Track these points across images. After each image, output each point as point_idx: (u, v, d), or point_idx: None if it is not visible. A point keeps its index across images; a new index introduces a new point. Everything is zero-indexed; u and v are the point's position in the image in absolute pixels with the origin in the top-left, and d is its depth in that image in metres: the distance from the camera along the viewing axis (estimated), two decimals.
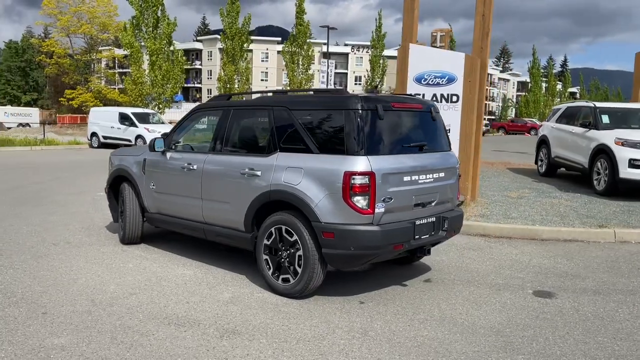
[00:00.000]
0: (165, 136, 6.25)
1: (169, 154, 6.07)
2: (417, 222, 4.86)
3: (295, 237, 4.75)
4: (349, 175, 4.44)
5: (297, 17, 36.52)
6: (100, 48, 58.29)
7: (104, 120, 23.86)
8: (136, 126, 22.41)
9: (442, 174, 5.17)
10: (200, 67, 75.25)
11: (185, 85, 69.42)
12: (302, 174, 4.72)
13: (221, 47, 34.19)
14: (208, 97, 57.74)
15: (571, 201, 9.78)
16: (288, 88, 39.95)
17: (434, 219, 5.05)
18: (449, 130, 9.08)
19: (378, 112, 4.69)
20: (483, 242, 7.27)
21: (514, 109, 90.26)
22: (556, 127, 13.20)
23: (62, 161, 18.12)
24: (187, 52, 76.37)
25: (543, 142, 13.76)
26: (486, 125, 44.31)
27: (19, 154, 21.17)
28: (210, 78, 71.22)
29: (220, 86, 31.72)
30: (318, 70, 36.24)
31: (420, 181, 4.89)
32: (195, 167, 5.68)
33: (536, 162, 14.24)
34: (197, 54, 76.16)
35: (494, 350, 3.87)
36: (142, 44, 27.31)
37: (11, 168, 15.38)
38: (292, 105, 5.07)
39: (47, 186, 11.74)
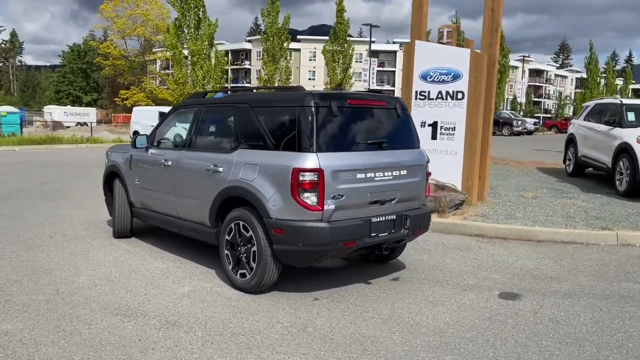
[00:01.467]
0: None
1: (150, 151, 6.28)
2: (374, 220, 4.83)
3: (250, 232, 4.82)
4: (297, 171, 4.47)
5: (338, 16, 36.54)
6: (155, 50, 60.30)
7: (145, 119, 24.65)
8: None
9: (404, 172, 5.10)
10: (249, 67, 76.43)
11: (235, 84, 70.76)
12: (257, 170, 4.79)
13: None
14: None
15: (587, 202, 9.39)
16: (326, 87, 39.96)
17: (394, 216, 5.00)
18: (454, 127, 8.96)
19: (332, 109, 4.70)
20: (474, 243, 7.11)
21: (572, 107, 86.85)
22: (583, 125, 12.68)
23: (100, 158, 18.86)
24: (236, 52, 77.86)
25: (571, 141, 13.24)
26: (535, 124, 42.80)
27: (64, 151, 22.22)
28: (259, 77, 72.31)
29: (262, 86, 32.18)
30: (362, 69, 36.14)
31: (376, 179, 4.86)
32: (169, 163, 5.86)
33: (564, 162, 13.72)
34: (246, 54, 77.37)
35: (424, 350, 3.81)
36: (185, 45, 28.07)
37: (49, 165, 16.17)
38: (254, 103, 5.14)
39: (73, 182, 12.30)
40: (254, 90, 7.15)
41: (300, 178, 4.46)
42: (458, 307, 4.70)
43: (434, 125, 9.22)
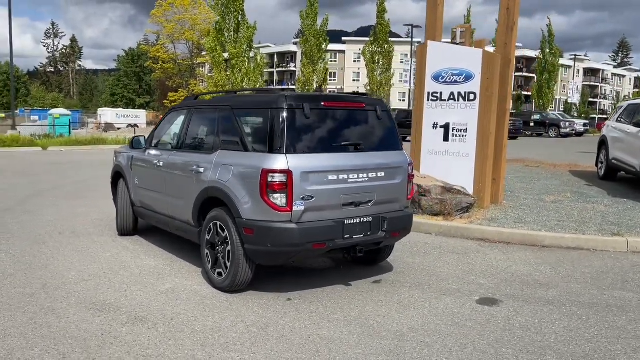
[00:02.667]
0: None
1: (147, 152, 6.49)
2: (347, 222, 4.83)
3: (226, 232, 4.91)
4: (266, 172, 4.53)
5: (378, 17, 36.36)
6: (204, 53, 61.71)
7: None
8: None
9: (381, 174, 5.07)
10: (294, 69, 77.07)
11: (281, 86, 71.45)
12: (231, 171, 4.88)
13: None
14: None
15: (609, 207, 9.01)
16: (366, 88, 39.66)
17: (370, 218, 4.98)
18: (466, 129, 8.80)
19: (304, 111, 4.73)
20: (475, 247, 6.96)
21: None
22: (615, 126, 12.16)
23: None
24: (282, 54, 78.67)
25: (602, 143, 12.72)
26: (585, 125, 41.20)
27: (106, 152, 23.08)
28: (297, 79, 72.83)
29: (299, 87, 32.42)
30: (403, 70, 35.79)
31: (350, 180, 4.85)
32: (161, 163, 6.04)
33: (596, 165, 13.20)
34: (292, 56, 78.02)
35: (376, 354, 3.79)
36: (225, 48, 28.61)
37: (88, 165, 16.85)
38: (234, 105, 5.24)
39: (103, 182, 12.76)
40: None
41: (269, 179, 4.52)
42: (429, 311, 4.63)
43: (445, 127, 9.09)
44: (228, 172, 4.90)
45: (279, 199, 4.53)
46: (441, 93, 9.10)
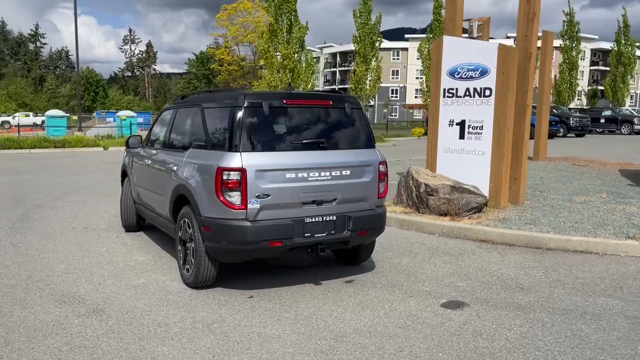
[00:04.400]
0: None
1: (142, 150, 6.72)
2: (308, 220, 4.79)
3: (191, 230, 5.01)
4: (221, 170, 4.58)
5: (435, 13, 35.57)
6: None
7: None
8: None
9: (346, 172, 4.99)
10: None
11: (342, 86, 71.50)
12: (195, 169, 4.96)
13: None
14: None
15: None
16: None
17: (333, 217, 4.91)
18: (482, 126, 8.49)
19: (263, 109, 4.74)
20: (473, 248, 6.70)
21: None
22: None
23: None
24: (344, 54, 78.69)
25: None
26: None
27: None
28: (350, 78, 72.57)
29: (352, 86, 32.34)
30: None
31: (310, 178, 4.80)
32: (149, 162, 6.23)
33: None
34: (353, 55, 77.66)
35: (307, 354, 3.73)
36: (277, 49, 29.03)
37: None
38: (204, 104, 5.32)
39: None
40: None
41: (224, 177, 4.56)
42: (385, 313, 4.51)
43: (461, 125, 8.79)
44: (192, 170, 5.00)
45: (234, 197, 4.57)
46: (457, 89, 8.81)
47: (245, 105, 4.70)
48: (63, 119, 30.43)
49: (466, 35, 9.60)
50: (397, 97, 77.57)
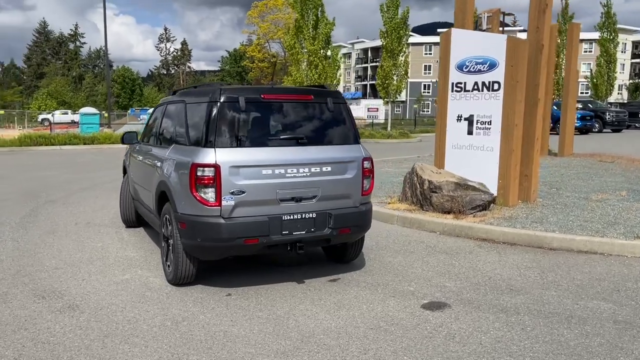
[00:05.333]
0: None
1: (137, 146, 6.74)
2: (286, 218, 4.69)
3: (171, 226, 4.98)
4: (195, 167, 4.52)
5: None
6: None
7: None
8: None
9: (327, 168, 4.86)
10: None
11: (373, 82, 70.94)
12: (174, 165, 4.93)
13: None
14: None
15: None
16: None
17: (313, 214, 4.80)
18: (490, 121, 8.23)
19: (239, 104, 4.66)
20: (472, 247, 6.49)
21: None
22: None
23: None
24: (376, 49, 77.97)
25: None
26: None
27: None
28: (377, 74, 71.96)
29: (379, 82, 32.00)
30: None
31: (288, 175, 4.70)
32: (141, 158, 6.24)
33: None
34: None
35: (268, 355, 3.64)
36: (303, 45, 28.94)
37: None
38: (187, 99, 5.28)
39: None
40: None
41: (198, 173, 4.51)
42: (361, 313, 4.38)
43: (469, 120, 8.54)
44: (172, 167, 4.96)
45: (208, 193, 4.51)
46: (465, 83, 8.56)
47: (221, 100, 4.63)
48: (95, 116, 31.15)
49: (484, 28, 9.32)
50: (429, 92, 76.54)
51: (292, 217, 4.71)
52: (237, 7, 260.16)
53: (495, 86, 8.19)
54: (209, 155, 4.50)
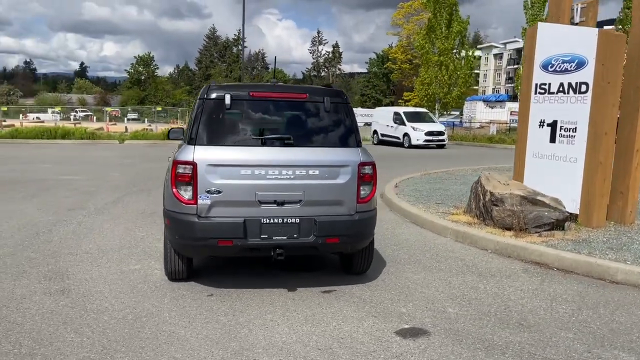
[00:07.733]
0: None
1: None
2: (265, 221, 4.47)
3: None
4: (176, 164, 4.50)
5: (625, 0, 30.92)
6: None
7: (383, 119, 25.63)
8: (404, 124, 23.46)
9: (314, 172, 4.53)
10: None
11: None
12: (170, 162, 4.95)
13: None
14: None
15: None
16: None
17: (297, 220, 4.51)
18: (575, 128, 7.19)
19: (224, 102, 4.54)
20: (516, 270, 5.68)
21: None
22: None
23: None
24: (519, 50, 72.97)
25: None
26: None
27: None
28: (515, 76, 66.64)
29: (517, 85, 29.75)
30: None
31: (269, 176, 4.46)
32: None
33: None
34: None
35: None
36: (435, 45, 27.99)
37: None
38: (199, 96, 5.27)
39: None
40: None
41: (178, 170, 4.47)
42: (322, 331, 4.00)
43: (552, 125, 7.54)
44: (169, 163, 5.00)
45: (186, 190, 4.46)
46: (550, 84, 7.55)
47: (206, 98, 4.56)
48: None
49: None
50: None
51: (272, 221, 4.47)
52: (390, 9, 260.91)
53: (583, 88, 7.09)
54: (188, 153, 4.45)
